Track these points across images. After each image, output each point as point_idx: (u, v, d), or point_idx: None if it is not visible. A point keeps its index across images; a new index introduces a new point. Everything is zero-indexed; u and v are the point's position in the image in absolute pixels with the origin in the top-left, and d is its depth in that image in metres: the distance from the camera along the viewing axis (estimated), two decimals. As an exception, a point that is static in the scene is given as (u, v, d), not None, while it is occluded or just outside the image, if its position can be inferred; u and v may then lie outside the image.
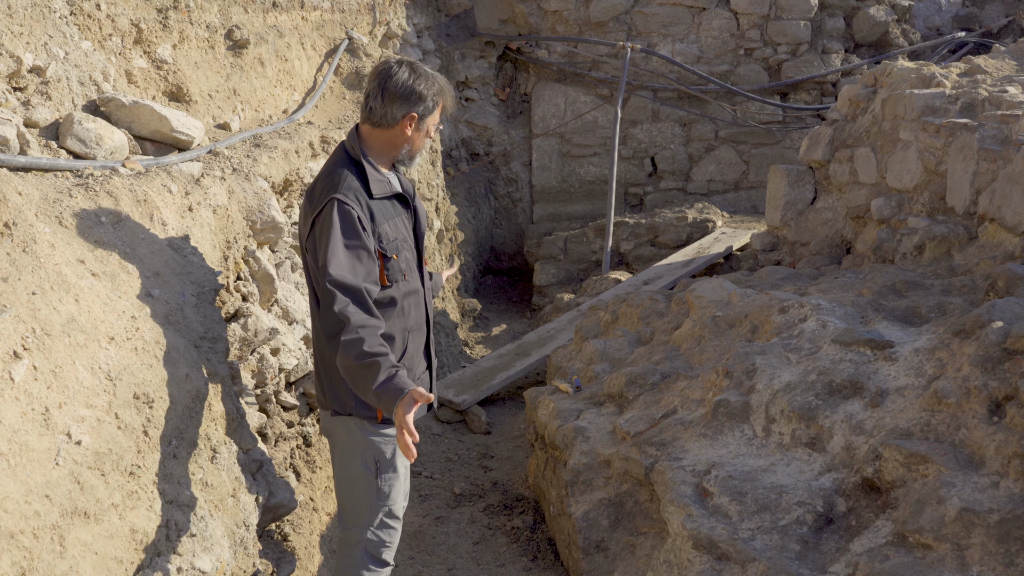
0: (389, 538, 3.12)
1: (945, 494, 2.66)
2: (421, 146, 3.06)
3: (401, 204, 3.07)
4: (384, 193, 2.96)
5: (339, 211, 2.79)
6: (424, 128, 3.02)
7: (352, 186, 2.87)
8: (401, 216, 3.05)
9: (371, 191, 2.91)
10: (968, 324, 3.23)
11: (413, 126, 2.98)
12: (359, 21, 6.95)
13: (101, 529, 2.15)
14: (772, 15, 9.18)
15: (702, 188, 9.59)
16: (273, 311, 3.78)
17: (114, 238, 2.71)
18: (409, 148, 3.03)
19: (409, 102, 2.95)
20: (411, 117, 2.97)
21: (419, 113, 2.97)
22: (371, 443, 3.02)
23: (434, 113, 3.01)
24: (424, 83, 2.97)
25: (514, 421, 5.83)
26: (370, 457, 3.03)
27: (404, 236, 3.03)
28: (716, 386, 3.69)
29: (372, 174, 2.94)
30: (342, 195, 2.82)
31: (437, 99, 3.00)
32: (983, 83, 5.25)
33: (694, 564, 2.95)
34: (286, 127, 4.86)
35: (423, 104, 2.96)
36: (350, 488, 3.10)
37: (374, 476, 3.04)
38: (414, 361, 3.10)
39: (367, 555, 3.10)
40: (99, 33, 3.66)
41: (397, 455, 3.08)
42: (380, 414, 3.00)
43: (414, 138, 3.02)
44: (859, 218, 5.68)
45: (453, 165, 8.93)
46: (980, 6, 10.10)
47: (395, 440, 3.03)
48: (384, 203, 2.97)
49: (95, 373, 2.30)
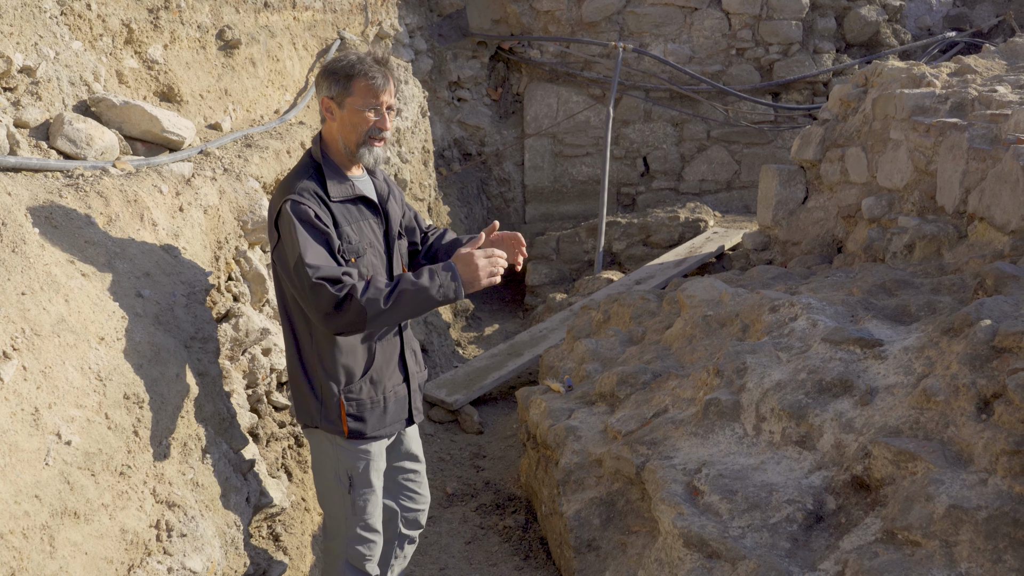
0: (369, 551, 3.08)
1: (934, 491, 2.67)
2: (356, 136, 2.83)
3: (369, 209, 2.94)
4: (343, 196, 2.85)
5: (294, 210, 2.71)
6: (346, 112, 2.80)
7: (307, 187, 2.78)
8: (368, 220, 2.92)
9: (328, 193, 2.81)
10: (957, 322, 3.25)
11: (331, 112, 2.83)
12: (351, 21, 6.95)
13: (91, 529, 2.15)
14: (764, 15, 9.20)
15: (694, 188, 9.60)
16: (264, 311, 3.78)
17: (104, 238, 2.71)
18: (342, 138, 2.85)
19: (324, 86, 2.83)
20: (324, 102, 2.84)
21: (332, 95, 2.81)
22: (341, 458, 2.96)
23: (353, 94, 2.78)
24: (340, 63, 2.81)
25: (506, 421, 5.84)
26: (343, 471, 2.97)
27: (371, 240, 2.91)
28: (707, 385, 3.70)
29: (329, 176, 2.84)
30: (296, 195, 2.74)
31: (352, 77, 2.78)
32: (973, 83, 5.28)
33: (685, 562, 2.96)
34: (277, 127, 4.86)
35: (334, 85, 2.80)
36: (327, 500, 3.06)
37: (347, 491, 2.97)
38: (384, 373, 2.97)
39: (350, 567, 3.08)
40: (90, 33, 3.66)
41: (371, 470, 3.00)
42: (347, 431, 2.91)
43: (338, 126, 2.84)
44: (850, 217, 5.69)
45: (445, 165, 8.93)
46: (970, 6, 10.13)
47: (368, 455, 2.98)
48: (347, 206, 2.86)
49: (85, 373, 2.30)
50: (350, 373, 2.90)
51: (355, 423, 2.91)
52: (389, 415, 3.00)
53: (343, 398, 2.89)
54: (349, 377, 2.89)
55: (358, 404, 2.91)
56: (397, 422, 3.06)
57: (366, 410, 2.93)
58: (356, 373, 2.91)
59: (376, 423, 2.96)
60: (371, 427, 2.95)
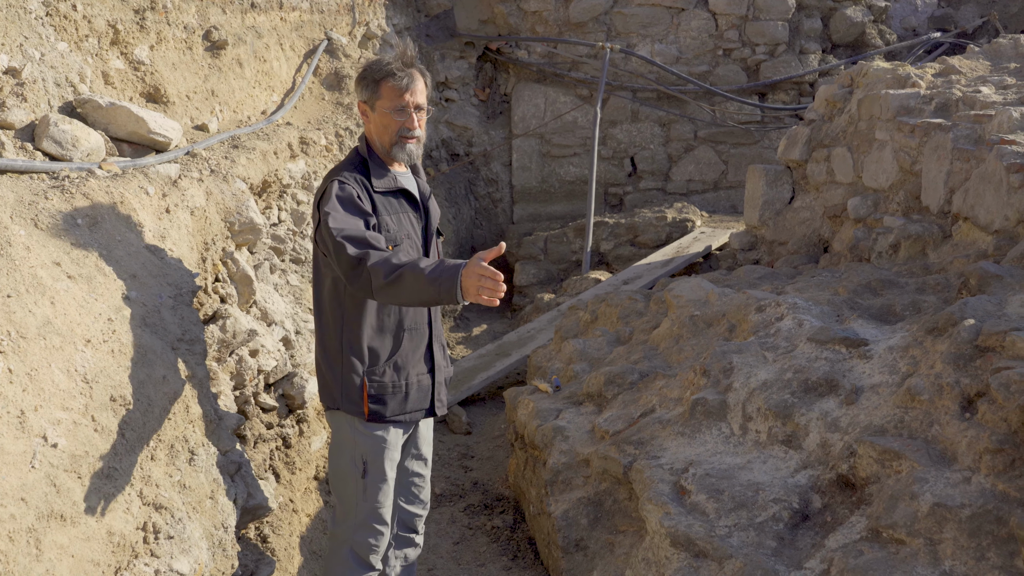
0: (376, 541, 3.12)
1: (918, 490, 2.69)
2: (389, 136, 3.02)
3: (410, 203, 3.10)
4: (386, 188, 3.02)
5: (338, 187, 2.90)
6: (377, 115, 3.02)
7: (354, 176, 2.98)
8: (408, 213, 3.08)
9: (373, 184, 2.99)
10: (941, 322, 3.27)
11: (366, 115, 3.07)
12: (338, 22, 6.95)
13: (78, 532, 2.15)
14: (750, 16, 9.23)
15: (681, 188, 9.63)
16: (252, 312, 3.78)
17: (90, 240, 2.71)
18: (378, 139, 3.06)
19: (358, 91, 3.06)
20: (359, 106, 3.08)
21: (364, 99, 3.04)
22: (359, 442, 3.04)
23: (381, 97, 2.99)
24: (369, 68, 3.02)
25: (494, 421, 5.84)
26: (358, 456, 3.05)
27: (409, 232, 3.05)
28: (694, 385, 3.72)
29: (374, 169, 3.02)
30: (342, 177, 2.94)
31: (379, 81, 2.99)
32: (957, 83, 5.31)
33: (672, 561, 2.97)
34: (265, 128, 4.85)
35: (365, 90, 3.02)
36: (340, 484, 3.13)
37: (361, 475, 3.05)
38: (409, 360, 3.07)
39: (353, 555, 3.11)
40: (75, 34, 3.65)
41: (386, 459, 3.07)
42: (367, 412, 3.00)
43: (373, 127, 3.05)
44: (836, 217, 5.72)
45: (433, 166, 8.93)
46: (955, 7, 10.20)
47: (384, 443, 3.06)
48: (389, 198, 3.03)
49: (71, 376, 2.30)
50: (375, 356, 3.01)
51: (375, 405, 3.01)
52: (410, 402, 3.09)
53: (366, 379, 3.00)
54: (374, 359, 3.01)
55: (380, 386, 3.01)
56: (418, 410, 3.14)
57: (387, 393, 3.03)
58: (381, 357, 3.02)
59: (396, 408, 3.05)
60: (391, 410, 3.04)
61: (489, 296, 2.48)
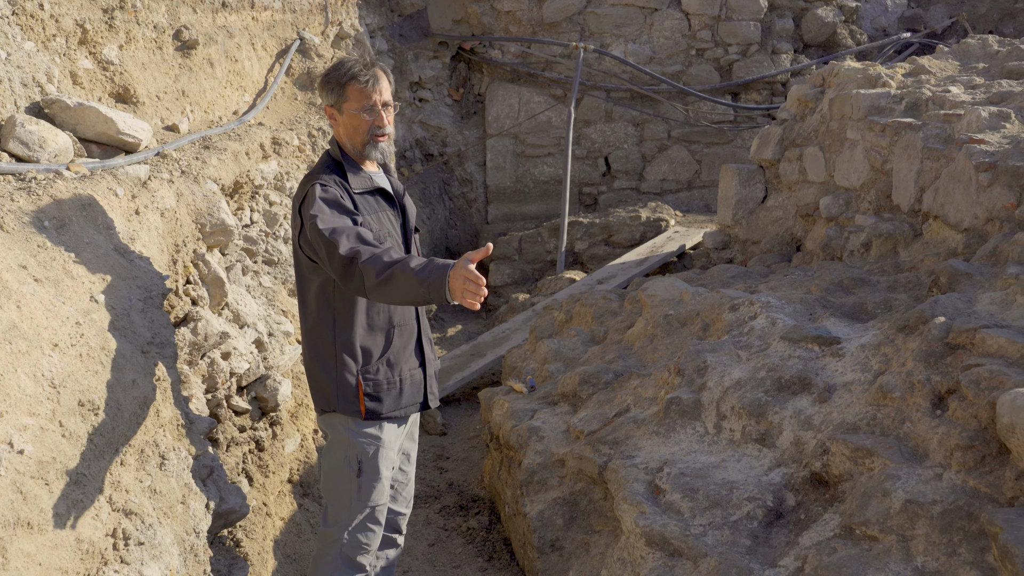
0: (368, 541, 3.12)
1: (890, 487, 2.71)
2: (361, 136, 3.03)
3: (387, 201, 3.12)
4: (363, 188, 3.03)
5: (321, 190, 2.89)
6: (345, 117, 3.02)
7: (332, 178, 2.97)
8: (386, 212, 3.10)
9: (351, 185, 2.99)
10: (912, 320, 3.30)
11: (334, 118, 3.06)
12: (311, 21, 6.90)
13: (45, 539, 2.11)
14: (723, 16, 9.28)
15: (655, 187, 9.66)
16: (224, 315, 3.75)
17: (58, 243, 2.67)
18: (349, 141, 3.06)
19: (323, 95, 3.07)
20: (327, 110, 3.08)
21: (331, 103, 3.04)
22: (354, 442, 3.05)
23: (348, 99, 3.00)
24: (331, 72, 3.03)
25: (469, 422, 5.83)
26: (352, 455, 3.05)
27: (390, 231, 3.06)
28: (668, 384, 3.73)
29: (349, 170, 3.02)
30: (322, 180, 2.93)
31: (344, 84, 2.99)
32: (927, 83, 5.36)
33: (647, 561, 2.97)
34: (236, 129, 4.81)
35: (330, 94, 3.03)
36: (333, 485, 3.12)
37: (356, 475, 3.05)
38: (401, 356, 3.10)
39: (342, 557, 3.10)
40: (42, 33, 3.60)
41: (380, 458, 3.08)
42: (364, 411, 3.01)
43: (343, 130, 3.05)
44: (808, 216, 5.76)
45: (407, 166, 8.90)
46: (925, 7, 10.30)
47: (379, 441, 3.07)
48: (367, 198, 3.04)
49: (38, 380, 2.26)
50: (368, 354, 3.03)
51: (372, 403, 3.03)
52: (405, 397, 3.12)
53: (361, 378, 3.02)
54: (367, 358, 3.03)
55: (375, 384, 3.03)
56: (412, 404, 3.17)
57: (383, 390, 3.05)
58: (374, 354, 3.04)
59: (392, 404, 3.07)
60: (387, 407, 3.06)
61: (471, 299, 2.48)
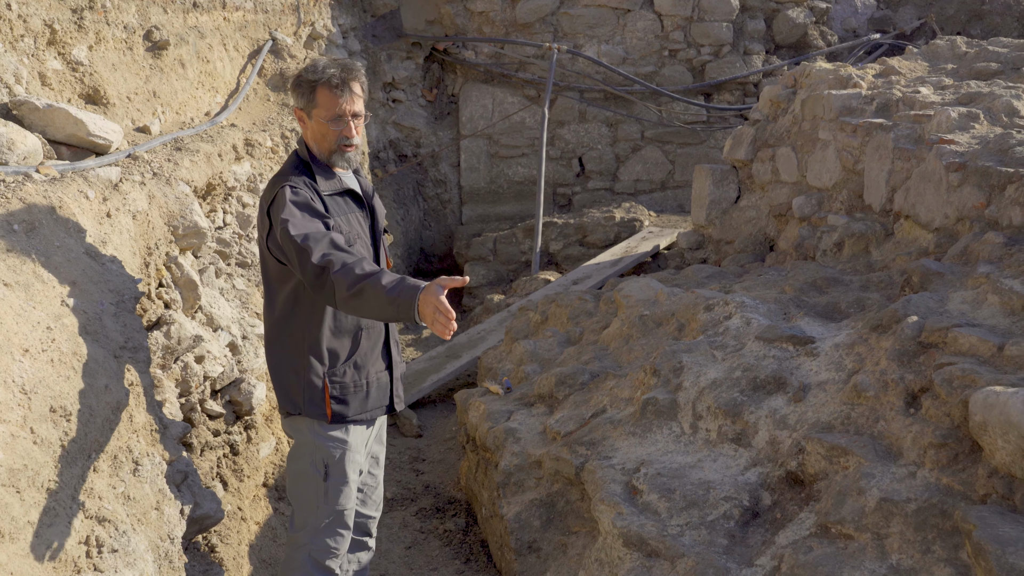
0: (336, 545, 3.10)
1: (865, 485, 2.73)
2: (328, 145, 2.98)
3: (356, 202, 3.09)
4: (332, 189, 3.00)
5: (291, 192, 2.86)
6: (314, 123, 2.97)
7: (301, 179, 2.94)
8: (356, 213, 3.07)
9: (319, 187, 2.96)
10: (885, 319, 3.32)
11: (303, 121, 3.02)
12: (283, 22, 6.86)
13: (17, 548, 2.08)
14: (695, 17, 9.32)
15: (629, 188, 9.69)
16: (197, 318, 3.71)
17: (28, 247, 2.63)
18: (316, 147, 3.01)
19: (294, 97, 3.02)
20: (296, 112, 3.04)
21: (300, 106, 3.00)
22: (320, 446, 3.02)
23: (317, 105, 2.94)
24: (303, 74, 2.98)
25: (445, 424, 5.82)
26: (319, 459, 3.03)
27: (359, 232, 3.04)
28: (644, 384, 3.73)
29: (318, 171, 2.99)
30: (291, 182, 2.89)
31: (314, 89, 2.94)
32: (897, 84, 5.41)
33: (624, 561, 2.98)
34: (208, 130, 4.77)
35: (300, 96, 2.98)
36: (300, 490, 3.09)
37: (322, 479, 3.03)
38: (368, 359, 3.09)
39: (311, 561, 3.08)
40: (10, 34, 3.54)
41: (347, 461, 3.06)
42: (330, 414, 2.98)
43: (311, 134, 3.01)
44: (781, 216, 5.80)
45: (381, 167, 8.87)
46: (894, 9, 10.40)
47: (345, 444, 3.05)
48: (336, 199, 3.01)
49: (8, 387, 2.23)
50: (335, 356, 3.01)
51: (338, 406, 3.00)
52: (371, 400, 3.10)
53: (327, 381, 2.99)
54: (334, 360, 3.00)
55: (341, 387, 3.01)
56: (379, 407, 3.15)
57: (349, 393, 3.02)
58: (341, 357, 3.02)
59: (358, 407, 3.05)
60: (353, 410, 3.04)
61: (441, 329, 2.47)
